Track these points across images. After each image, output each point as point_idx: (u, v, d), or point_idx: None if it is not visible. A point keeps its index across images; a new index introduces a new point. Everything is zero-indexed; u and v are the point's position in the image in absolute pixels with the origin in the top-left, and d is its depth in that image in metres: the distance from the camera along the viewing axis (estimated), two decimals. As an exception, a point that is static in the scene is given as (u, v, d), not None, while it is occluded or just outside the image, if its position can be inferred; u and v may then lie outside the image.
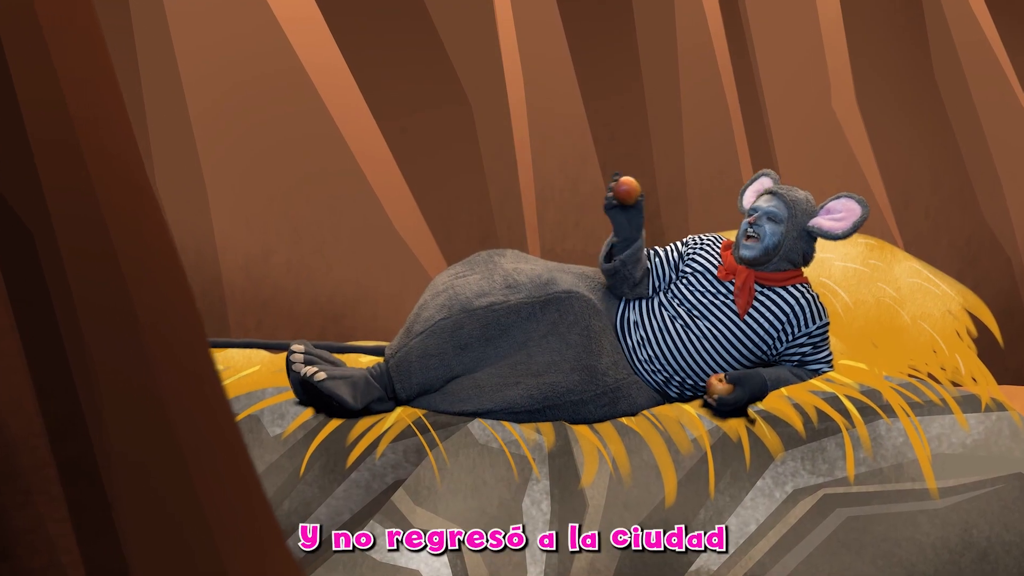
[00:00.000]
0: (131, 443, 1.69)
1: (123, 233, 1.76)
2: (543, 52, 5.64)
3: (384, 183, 5.46)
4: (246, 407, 3.65)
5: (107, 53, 1.91)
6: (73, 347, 1.68)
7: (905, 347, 4.06)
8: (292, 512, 3.53)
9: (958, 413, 3.70)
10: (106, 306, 1.72)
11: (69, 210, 1.73)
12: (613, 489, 3.58)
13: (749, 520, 3.58)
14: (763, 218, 3.80)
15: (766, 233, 3.78)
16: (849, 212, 3.83)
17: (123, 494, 1.67)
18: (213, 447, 1.77)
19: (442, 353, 3.69)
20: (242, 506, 1.79)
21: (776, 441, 3.63)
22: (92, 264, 1.73)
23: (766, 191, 3.87)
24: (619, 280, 3.79)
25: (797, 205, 3.81)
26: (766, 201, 3.83)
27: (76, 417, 1.67)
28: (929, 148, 5.94)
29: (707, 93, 5.79)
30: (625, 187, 3.76)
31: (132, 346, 1.72)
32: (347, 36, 5.46)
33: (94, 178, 1.75)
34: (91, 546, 1.65)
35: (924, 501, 3.61)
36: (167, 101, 5.35)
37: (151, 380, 1.72)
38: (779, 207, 3.81)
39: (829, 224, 3.82)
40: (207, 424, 1.78)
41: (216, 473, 1.76)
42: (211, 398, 1.81)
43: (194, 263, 5.37)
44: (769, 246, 3.78)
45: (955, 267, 5.89)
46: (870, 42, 5.91)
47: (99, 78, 1.85)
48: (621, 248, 3.78)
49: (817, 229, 3.81)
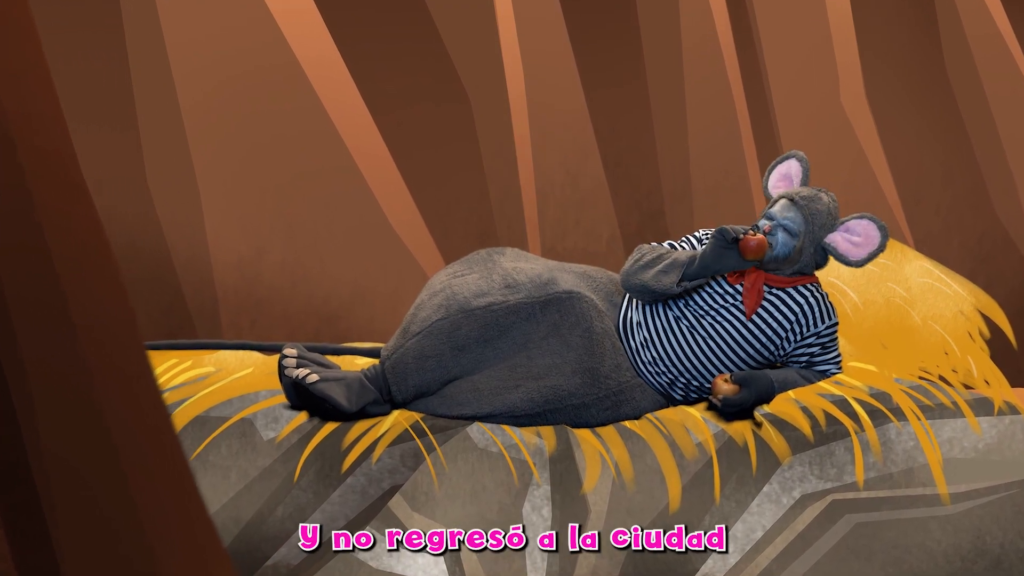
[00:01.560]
0: (65, 446, 1.68)
1: (57, 231, 1.75)
2: (543, 45, 5.63)
3: (380, 180, 5.46)
4: (239, 410, 3.64)
5: (40, 48, 1.90)
6: (5, 348, 1.67)
7: (916, 349, 4.05)
8: (286, 518, 3.53)
9: (970, 416, 3.70)
10: (39, 306, 1.71)
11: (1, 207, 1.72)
12: (616, 494, 3.57)
13: (755, 526, 3.57)
14: (777, 228, 3.78)
15: (778, 242, 3.77)
16: (868, 239, 3.81)
17: (57, 498, 1.66)
18: (149, 449, 1.77)
19: (439, 354, 3.68)
20: (178, 509, 1.79)
21: (783, 445, 3.63)
22: (25, 263, 1.72)
23: (786, 197, 3.83)
24: (653, 296, 3.76)
25: (816, 219, 3.79)
26: (784, 210, 3.80)
27: (9, 420, 1.66)
28: (940, 144, 5.93)
29: (712, 87, 5.78)
30: (756, 245, 3.71)
31: (66, 347, 1.71)
32: (342, 29, 5.46)
33: (27, 175, 1.74)
34: (24, 552, 1.64)
35: (935, 507, 3.60)
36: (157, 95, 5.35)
37: (86, 382, 1.72)
38: (796, 221, 3.78)
39: (845, 246, 3.80)
40: (142, 426, 1.77)
41: (152, 476, 1.76)
42: (146, 399, 1.80)
43: (185, 262, 5.37)
44: (779, 256, 3.78)
45: (967, 266, 5.88)
46: (880, 35, 5.91)
47: (32, 73, 1.83)
48: (691, 277, 3.74)
49: (832, 248, 3.80)
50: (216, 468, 3.58)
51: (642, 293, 3.76)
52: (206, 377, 3.75)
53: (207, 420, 3.63)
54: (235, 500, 3.55)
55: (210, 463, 3.58)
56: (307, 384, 3.59)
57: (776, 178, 3.95)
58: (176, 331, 5.38)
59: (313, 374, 3.61)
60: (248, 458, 3.58)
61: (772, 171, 3.96)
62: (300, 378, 3.59)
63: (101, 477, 1.71)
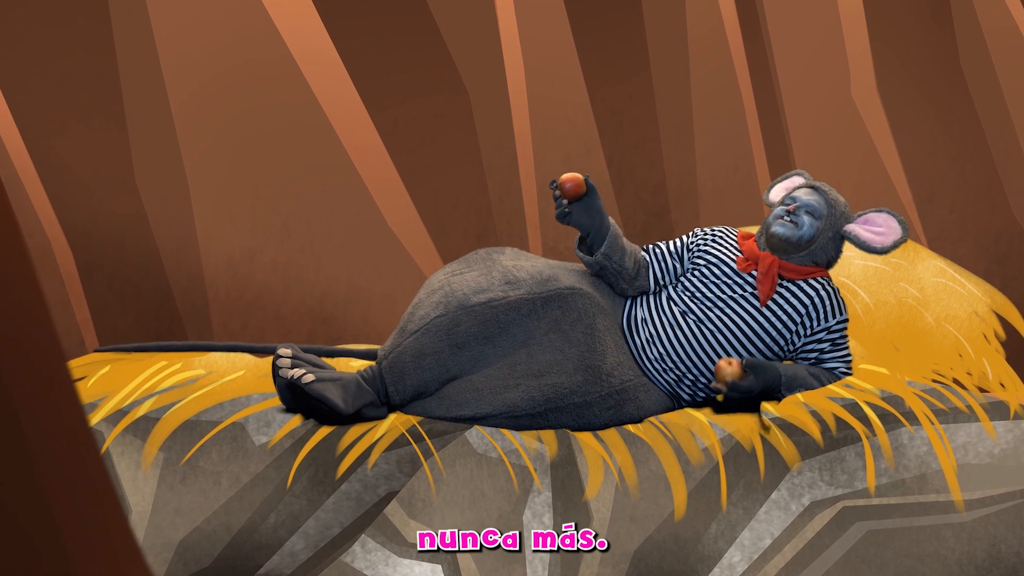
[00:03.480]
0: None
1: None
2: (544, 35, 5.63)
3: (376, 177, 5.46)
4: (230, 414, 3.64)
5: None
6: None
7: (929, 350, 4.05)
8: (279, 526, 3.53)
9: (985, 421, 3.70)
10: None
11: None
12: (619, 502, 3.57)
13: (764, 534, 3.57)
14: (801, 210, 3.82)
15: (804, 223, 3.81)
16: (890, 230, 3.86)
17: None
18: (65, 456, 1.76)
19: (438, 352, 3.69)
20: (95, 516, 1.79)
21: (792, 450, 3.63)
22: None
23: (806, 184, 3.90)
24: (611, 275, 3.82)
25: (836, 206, 3.85)
26: (806, 194, 3.86)
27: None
28: (955, 139, 5.93)
29: (719, 81, 5.78)
30: (570, 183, 3.79)
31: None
32: (338, 21, 5.46)
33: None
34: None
35: (949, 514, 3.60)
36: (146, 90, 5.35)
37: (2, 388, 1.71)
38: (820, 203, 3.85)
39: (867, 235, 3.84)
40: (60, 432, 1.77)
41: (68, 482, 1.76)
42: (64, 405, 1.80)
43: (175, 262, 5.37)
44: (804, 236, 3.81)
45: (982, 266, 5.88)
46: (892, 27, 5.91)
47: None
48: (597, 242, 3.81)
49: (855, 237, 3.84)
50: (207, 474, 3.58)
51: (609, 282, 3.83)
52: (196, 380, 3.75)
53: (197, 424, 3.63)
54: (226, 507, 3.55)
55: (200, 469, 3.58)
56: (303, 384, 3.59)
57: (779, 190, 4.01)
58: (165, 333, 5.38)
59: (309, 374, 3.61)
60: (240, 464, 3.58)
61: (774, 186, 4.02)
62: (296, 378, 3.59)
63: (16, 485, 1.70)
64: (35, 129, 5.29)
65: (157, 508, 3.56)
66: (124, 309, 5.39)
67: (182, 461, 3.59)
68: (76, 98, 5.31)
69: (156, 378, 3.78)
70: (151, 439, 3.61)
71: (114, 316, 5.38)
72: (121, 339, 5.32)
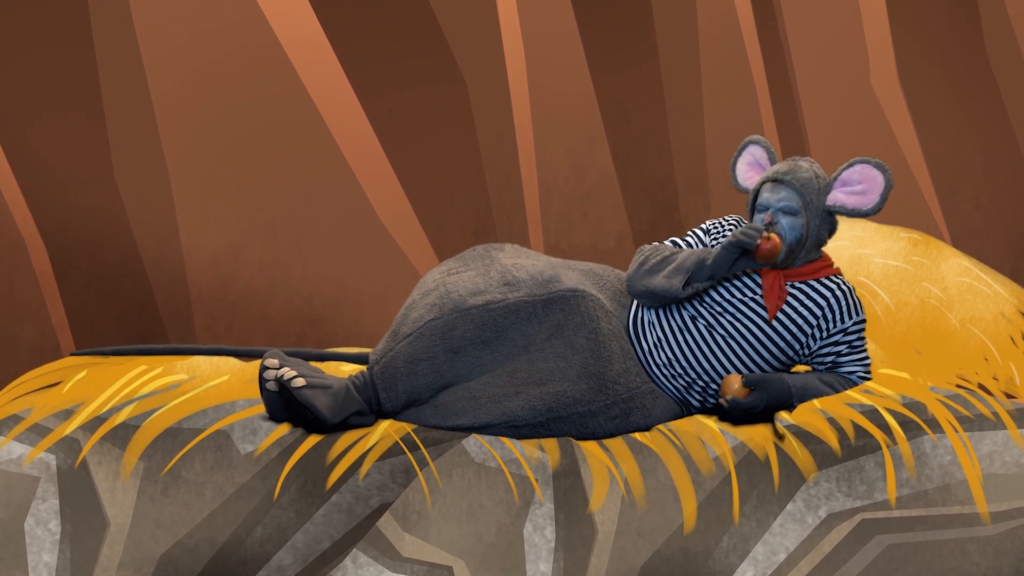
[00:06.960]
0: None
1: None
2: (546, 22, 5.63)
3: (368, 170, 5.46)
4: (214, 421, 3.65)
5: None
6: None
7: (953, 354, 4.05)
8: (266, 540, 3.53)
9: (1012, 428, 3.70)
10: None
11: None
12: (625, 514, 3.58)
13: (778, 548, 3.57)
14: (778, 214, 3.78)
15: (785, 229, 3.78)
16: (869, 182, 3.82)
17: None
18: None
19: (432, 357, 3.69)
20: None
21: (808, 460, 3.63)
22: None
23: (768, 180, 3.83)
24: (660, 302, 3.77)
25: (808, 188, 3.79)
26: (772, 193, 3.80)
27: None
28: (980, 131, 5.94)
29: (731, 69, 5.79)
30: (770, 249, 3.72)
31: None
32: (328, 7, 5.46)
33: None
34: None
35: (974, 527, 3.61)
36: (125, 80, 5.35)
37: None
38: (790, 198, 3.79)
39: (853, 200, 3.81)
40: None
41: None
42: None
43: (156, 260, 5.37)
44: (792, 243, 3.78)
45: (1008, 264, 5.89)
46: (913, 12, 5.91)
47: None
48: (701, 279, 3.75)
49: (840, 207, 3.80)
50: (189, 484, 3.58)
51: (649, 298, 3.77)
52: (178, 385, 3.76)
53: (179, 432, 3.64)
54: (210, 520, 3.55)
55: (183, 479, 3.58)
56: (292, 388, 3.59)
57: (744, 170, 3.96)
58: (146, 335, 5.39)
59: (299, 378, 3.61)
60: (224, 474, 3.58)
61: (736, 165, 3.97)
62: (285, 378, 3.59)
63: None
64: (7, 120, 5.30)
65: (137, 521, 3.56)
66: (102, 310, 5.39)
67: (163, 471, 3.59)
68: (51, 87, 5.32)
69: (136, 383, 3.78)
70: (130, 448, 3.61)
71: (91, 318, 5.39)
72: (99, 342, 5.33)
